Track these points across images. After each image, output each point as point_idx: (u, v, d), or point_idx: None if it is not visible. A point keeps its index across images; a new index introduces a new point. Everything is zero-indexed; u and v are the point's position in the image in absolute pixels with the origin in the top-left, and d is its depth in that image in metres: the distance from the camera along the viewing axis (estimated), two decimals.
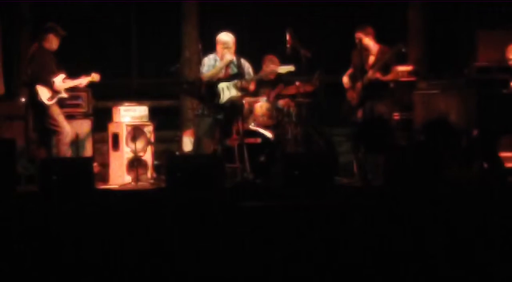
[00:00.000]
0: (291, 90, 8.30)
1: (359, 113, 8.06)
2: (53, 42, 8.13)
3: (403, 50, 7.88)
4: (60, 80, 8.14)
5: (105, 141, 9.05)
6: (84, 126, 8.80)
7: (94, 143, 8.89)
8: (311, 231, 5.37)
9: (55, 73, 8.12)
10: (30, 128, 8.57)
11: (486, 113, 7.94)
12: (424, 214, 5.72)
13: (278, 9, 9.96)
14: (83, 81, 8.33)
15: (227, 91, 7.94)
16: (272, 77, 8.53)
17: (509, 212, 5.70)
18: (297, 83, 8.12)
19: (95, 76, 8.34)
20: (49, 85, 8.04)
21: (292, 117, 8.19)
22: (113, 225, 5.59)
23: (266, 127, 8.09)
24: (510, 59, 7.88)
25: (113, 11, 10.17)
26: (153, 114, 8.92)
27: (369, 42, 8.03)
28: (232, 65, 7.99)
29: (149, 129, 8.71)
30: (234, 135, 7.85)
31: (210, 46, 8.07)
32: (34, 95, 8.01)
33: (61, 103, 8.21)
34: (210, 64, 7.95)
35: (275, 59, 8.58)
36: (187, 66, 9.61)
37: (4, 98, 9.02)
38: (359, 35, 8.03)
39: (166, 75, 8.53)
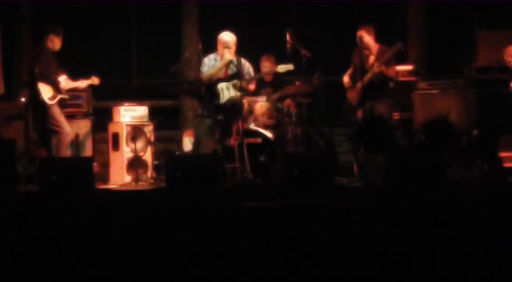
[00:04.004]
0: (291, 90, 8.30)
1: (359, 113, 8.06)
2: (54, 43, 8.14)
3: (403, 49, 7.88)
4: (63, 81, 8.17)
5: (105, 141, 9.05)
6: (84, 126, 8.80)
7: (94, 142, 8.89)
8: (311, 231, 5.37)
9: (57, 74, 8.14)
10: (30, 128, 8.57)
11: (486, 113, 7.95)
12: (424, 214, 5.72)
13: (278, 9, 9.97)
14: (83, 83, 8.36)
15: (226, 92, 7.94)
16: (271, 77, 8.53)
17: (509, 212, 5.70)
18: (297, 83, 8.12)
19: (95, 80, 8.37)
20: (53, 84, 8.06)
21: (292, 117, 8.19)
22: (113, 225, 5.59)
23: (266, 127, 8.08)
24: (508, 61, 7.89)
25: (113, 11, 10.17)
26: (153, 114, 8.92)
27: (370, 41, 8.03)
28: (231, 65, 7.99)
29: (149, 129, 8.71)
30: (234, 135, 7.85)
31: (210, 46, 8.07)
32: (35, 95, 8.01)
33: (61, 103, 8.22)
34: (210, 64, 7.95)
35: (272, 58, 8.58)
36: (187, 66, 9.61)
37: (4, 98, 9.02)
38: (361, 33, 8.03)
39: (168, 75, 8.53)
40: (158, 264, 4.90)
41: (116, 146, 8.73)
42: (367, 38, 8.02)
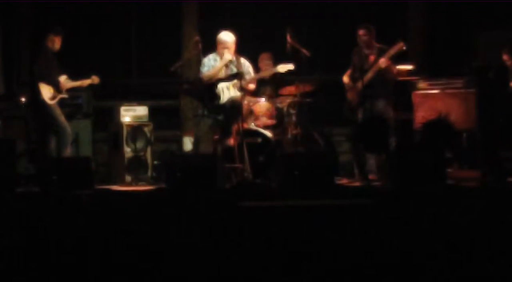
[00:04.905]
0: (291, 90, 8.30)
1: (359, 113, 8.06)
2: (54, 42, 8.16)
3: (404, 47, 7.87)
4: (63, 81, 8.19)
5: (105, 141, 9.06)
6: (84, 126, 8.81)
7: (94, 143, 8.90)
8: (311, 231, 5.37)
9: (57, 74, 8.15)
10: (30, 128, 8.58)
11: (486, 113, 7.95)
12: (424, 214, 5.72)
13: (278, 9, 9.96)
14: (83, 83, 8.37)
15: (227, 92, 7.94)
16: (271, 77, 8.53)
17: (510, 213, 5.70)
18: (297, 83, 8.12)
19: (95, 79, 8.38)
20: (54, 84, 8.07)
21: (292, 117, 8.19)
22: (113, 225, 5.59)
23: (266, 127, 8.08)
24: (506, 61, 7.89)
25: (113, 11, 10.17)
26: (153, 114, 8.93)
27: (370, 41, 8.03)
28: (231, 65, 7.99)
29: (149, 129, 8.72)
30: (234, 135, 7.85)
31: (210, 46, 8.07)
32: (36, 94, 8.03)
33: (61, 103, 8.23)
34: (210, 64, 7.96)
35: (270, 57, 8.58)
36: (187, 66, 9.61)
37: (4, 98, 9.03)
38: (361, 33, 8.03)
39: (169, 74, 8.53)
40: (158, 264, 4.90)
41: (116, 146, 8.73)
42: (367, 37, 8.02)
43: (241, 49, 8.06)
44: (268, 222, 5.58)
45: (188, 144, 8.96)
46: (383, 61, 7.83)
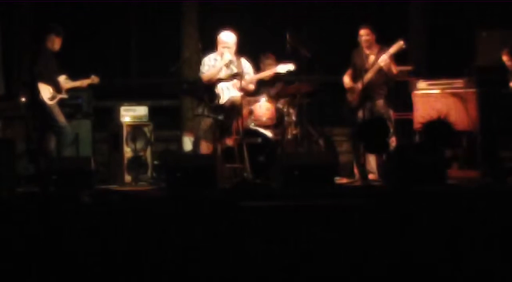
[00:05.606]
0: (291, 90, 8.30)
1: (359, 114, 8.06)
2: (54, 42, 8.16)
3: (404, 46, 7.87)
4: (62, 81, 8.19)
5: (105, 141, 9.06)
6: (84, 126, 8.81)
7: (94, 143, 8.90)
8: (311, 231, 5.37)
9: (57, 74, 8.16)
10: (30, 128, 8.58)
11: (486, 113, 7.95)
12: (424, 214, 5.72)
13: (278, 9, 9.96)
14: (82, 83, 8.37)
15: (227, 92, 7.94)
16: (271, 77, 8.53)
17: (509, 212, 5.70)
18: (297, 83, 8.12)
19: (94, 79, 8.38)
20: (53, 84, 8.07)
21: (292, 117, 8.19)
22: (113, 225, 5.59)
23: (266, 127, 8.08)
24: (506, 61, 7.89)
25: (113, 11, 10.17)
26: (153, 114, 8.92)
27: (372, 41, 8.03)
28: (231, 65, 7.99)
29: (149, 129, 8.72)
30: (234, 135, 7.85)
31: (210, 46, 8.07)
32: (35, 95, 8.02)
33: (61, 103, 8.23)
34: (210, 64, 7.96)
35: (272, 57, 8.58)
36: (187, 66, 9.61)
37: (4, 98, 9.03)
38: (361, 33, 8.03)
39: (169, 74, 8.53)
40: (157, 264, 4.90)
41: (116, 146, 8.73)
42: (369, 37, 8.02)
43: (241, 49, 8.06)
44: (268, 222, 5.58)
45: (188, 144, 8.95)
46: (383, 59, 7.83)
